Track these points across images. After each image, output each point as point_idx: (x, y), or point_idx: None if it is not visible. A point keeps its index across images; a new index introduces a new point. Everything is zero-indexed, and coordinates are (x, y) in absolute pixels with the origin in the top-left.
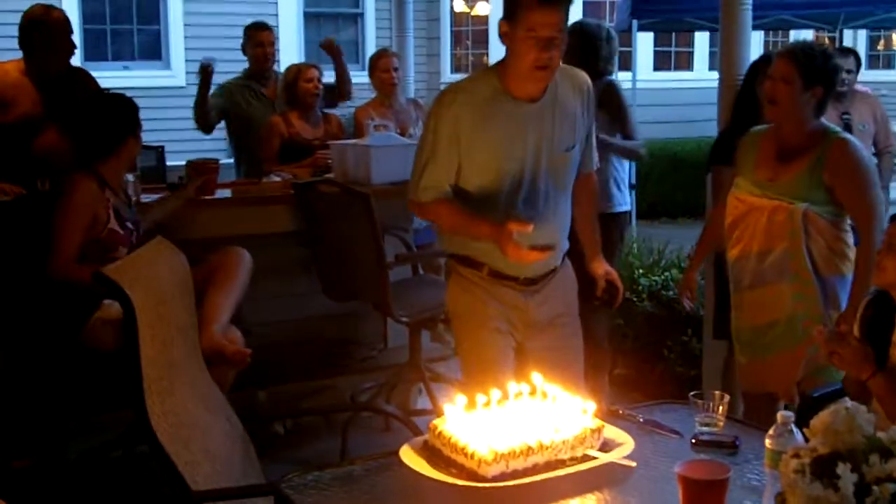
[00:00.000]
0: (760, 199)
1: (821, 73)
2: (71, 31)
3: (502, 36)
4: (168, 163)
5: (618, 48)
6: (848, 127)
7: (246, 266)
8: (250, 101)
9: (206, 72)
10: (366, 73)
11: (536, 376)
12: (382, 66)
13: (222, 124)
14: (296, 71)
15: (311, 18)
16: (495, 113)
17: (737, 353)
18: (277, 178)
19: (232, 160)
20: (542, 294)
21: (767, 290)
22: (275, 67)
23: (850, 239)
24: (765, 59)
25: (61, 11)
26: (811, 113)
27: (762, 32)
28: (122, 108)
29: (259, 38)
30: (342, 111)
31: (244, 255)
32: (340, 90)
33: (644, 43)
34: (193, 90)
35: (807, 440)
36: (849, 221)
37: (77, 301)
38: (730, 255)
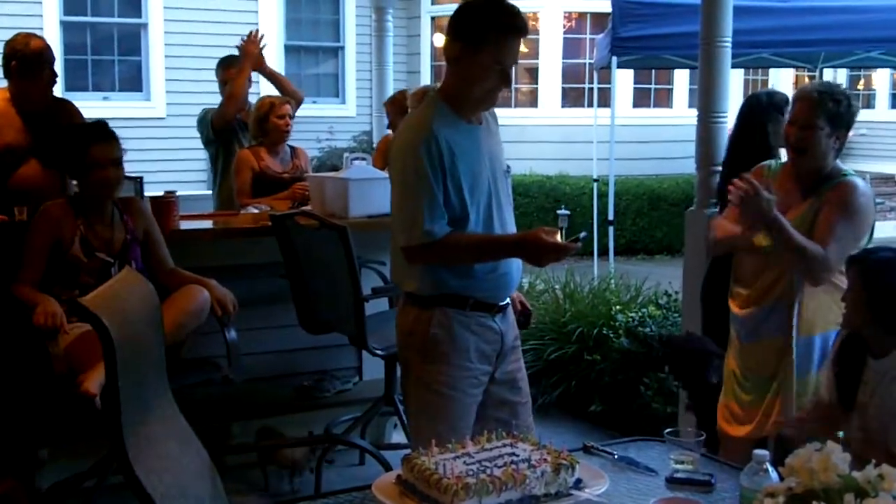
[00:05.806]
0: (766, 256)
1: (845, 118)
2: (52, 61)
3: (455, 60)
4: (146, 193)
5: None
6: None
7: (198, 301)
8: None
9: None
10: (345, 106)
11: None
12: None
13: (204, 154)
14: (268, 106)
15: (291, 51)
16: (460, 140)
17: (724, 395)
18: (255, 210)
19: (210, 192)
20: (506, 318)
21: (763, 344)
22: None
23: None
24: (768, 99)
25: (42, 41)
26: (833, 157)
27: (742, 70)
28: (79, 136)
29: (231, 73)
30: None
31: (201, 292)
32: (292, 97)
33: (623, 80)
34: (173, 121)
35: (782, 479)
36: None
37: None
38: (732, 306)
